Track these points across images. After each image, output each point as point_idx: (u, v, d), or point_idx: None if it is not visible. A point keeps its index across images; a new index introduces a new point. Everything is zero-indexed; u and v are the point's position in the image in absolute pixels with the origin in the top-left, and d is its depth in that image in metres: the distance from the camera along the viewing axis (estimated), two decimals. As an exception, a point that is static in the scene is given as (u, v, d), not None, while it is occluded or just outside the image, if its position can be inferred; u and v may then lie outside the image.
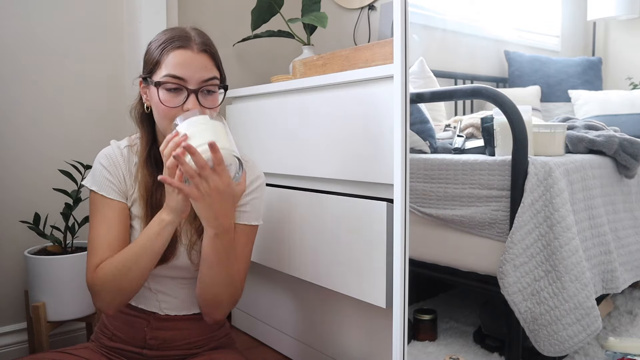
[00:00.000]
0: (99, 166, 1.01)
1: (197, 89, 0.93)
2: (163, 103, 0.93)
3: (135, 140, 1.05)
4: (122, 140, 1.06)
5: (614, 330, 1.45)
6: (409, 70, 0.95)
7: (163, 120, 0.95)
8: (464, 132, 1.60)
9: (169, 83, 0.92)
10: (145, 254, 0.91)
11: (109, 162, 1.01)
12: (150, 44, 0.98)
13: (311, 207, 1.31)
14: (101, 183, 0.99)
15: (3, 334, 1.53)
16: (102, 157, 1.02)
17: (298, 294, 1.52)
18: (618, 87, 1.85)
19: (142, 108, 1.01)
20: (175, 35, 0.95)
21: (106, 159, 1.01)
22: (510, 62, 2.03)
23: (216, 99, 0.97)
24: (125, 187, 1.01)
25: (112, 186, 1.00)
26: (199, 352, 1.06)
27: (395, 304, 0.96)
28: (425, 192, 1.42)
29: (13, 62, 1.53)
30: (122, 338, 1.03)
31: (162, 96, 0.93)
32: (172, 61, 0.92)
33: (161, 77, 0.93)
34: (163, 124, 0.96)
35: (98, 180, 1.00)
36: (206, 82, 0.94)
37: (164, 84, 0.93)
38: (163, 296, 1.04)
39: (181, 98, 0.93)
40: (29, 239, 1.52)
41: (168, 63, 0.93)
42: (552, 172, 1.20)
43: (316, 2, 1.80)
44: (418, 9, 1.79)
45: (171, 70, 0.92)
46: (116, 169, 1.00)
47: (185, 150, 0.80)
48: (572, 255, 1.17)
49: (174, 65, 0.92)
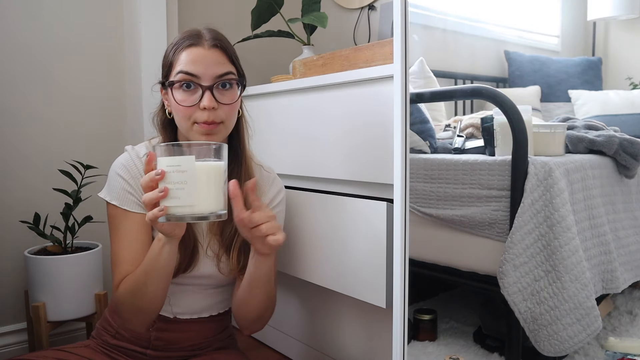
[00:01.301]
0: (117, 177, 0.97)
1: (211, 85, 0.91)
2: (179, 103, 0.92)
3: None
4: (140, 147, 1.02)
5: (614, 330, 1.45)
6: (409, 70, 0.95)
7: (182, 121, 0.93)
8: (464, 132, 1.60)
9: (182, 81, 0.91)
10: (152, 274, 0.88)
11: (128, 174, 0.97)
12: (167, 49, 0.98)
13: (311, 207, 1.31)
14: (121, 197, 0.96)
15: (3, 334, 1.53)
16: (120, 168, 0.98)
17: (298, 294, 1.52)
18: (618, 87, 1.85)
19: (164, 115, 0.99)
20: (186, 35, 0.95)
21: (124, 170, 0.97)
22: (510, 62, 2.03)
23: (234, 94, 0.95)
24: None
25: (133, 198, 0.96)
26: (202, 353, 1.06)
27: (395, 304, 0.96)
28: (425, 192, 1.42)
29: (13, 63, 1.53)
30: (126, 337, 1.03)
31: (178, 96, 0.92)
32: (184, 60, 0.92)
33: (174, 77, 0.92)
34: (183, 125, 0.94)
35: (117, 193, 0.96)
36: (221, 77, 0.92)
37: (178, 82, 0.92)
38: (177, 300, 1.03)
39: (197, 96, 0.91)
40: (29, 239, 1.52)
41: (180, 62, 0.92)
42: (552, 172, 1.20)
43: (316, 2, 1.80)
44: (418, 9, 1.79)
45: (184, 67, 0.91)
46: (136, 181, 0.97)
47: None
48: (572, 255, 1.17)
49: (186, 63, 0.91)
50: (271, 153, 1.47)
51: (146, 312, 0.93)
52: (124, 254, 0.94)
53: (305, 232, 1.33)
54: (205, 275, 1.01)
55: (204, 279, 1.02)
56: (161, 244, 0.85)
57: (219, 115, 0.93)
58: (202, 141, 0.82)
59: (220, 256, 1.00)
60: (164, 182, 0.74)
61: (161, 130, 1.01)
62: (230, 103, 0.93)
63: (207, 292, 1.05)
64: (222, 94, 0.93)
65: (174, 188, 0.74)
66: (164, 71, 0.97)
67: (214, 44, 0.93)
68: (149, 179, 0.75)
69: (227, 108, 0.93)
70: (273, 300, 1.03)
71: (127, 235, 0.95)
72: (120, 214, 0.96)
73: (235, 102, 0.95)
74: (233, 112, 0.96)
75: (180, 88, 0.92)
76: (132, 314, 0.94)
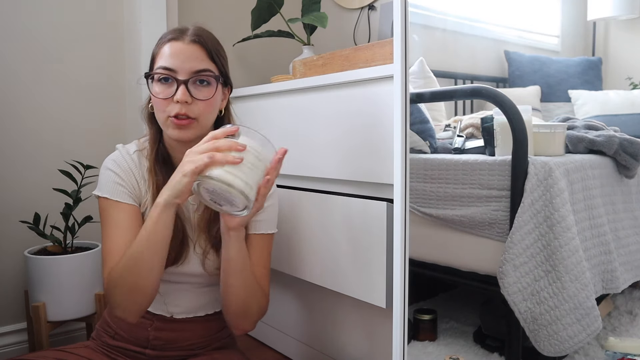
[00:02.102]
0: (107, 171, 0.98)
1: (186, 80, 0.92)
2: (155, 95, 0.93)
3: (144, 143, 1.03)
4: (130, 145, 1.04)
5: (614, 330, 1.45)
6: (409, 70, 0.95)
7: (159, 113, 0.95)
8: (464, 132, 1.60)
9: (158, 74, 0.93)
10: (149, 245, 0.86)
11: (118, 167, 0.98)
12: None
13: (311, 207, 1.31)
14: (112, 189, 0.96)
15: (3, 334, 1.53)
16: (110, 163, 0.99)
17: (298, 294, 1.52)
18: (618, 87, 1.85)
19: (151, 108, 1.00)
20: (172, 30, 0.97)
21: (114, 164, 0.99)
22: (510, 62, 2.03)
23: (210, 91, 0.95)
24: (139, 193, 0.99)
25: (124, 190, 0.97)
26: (201, 352, 1.06)
27: (395, 304, 0.96)
28: (425, 192, 1.42)
29: (13, 62, 1.53)
30: (125, 337, 1.03)
31: (155, 88, 0.94)
32: (164, 53, 0.94)
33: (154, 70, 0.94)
34: (160, 118, 0.95)
35: (107, 186, 0.97)
36: (197, 73, 0.93)
37: (155, 75, 0.93)
38: (171, 299, 1.04)
39: (172, 89, 0.92)
40: (29, 239, 1.52)
41: (161, 55, 0.94)
42: (552, 172, 1.20)
43: (316, 2, 1.80)
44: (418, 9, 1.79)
45: (163, 61, 0.93)
46: (127, 175, 0.98)
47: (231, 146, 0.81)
48: (572, 255, 1.17)
49: (165, 57, 0.93)
50: (271, 153, 1.47)
51: (140, 290, 0.88)
52: (115, 244, 0.92)
53: (306, 232, 1.33)
54: (193, 274, 1.02)
55: (193, 277, 1.03)
56: (158, 210, 0.84)
57: (193, 110, 0.93)
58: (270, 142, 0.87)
59: (207, 253, 1.00)
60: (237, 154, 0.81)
61: (148, 123, 1.02)
62: (204, 99, 0.94)
63: (199, 290, 1.05)
64: (198, 90, 0.94)
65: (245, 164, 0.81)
66: (150, 65, 0.99)
67: (193, 39, 0.94)
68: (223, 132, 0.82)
69: (202, 104, 0.93)
70: (262, 291, 1.01)
71: (119, 225, 0.94)
72: (112, 205, 0.96)
73: (211, 99, 0.95)
74: (209, 110, 0.96)
75: (159, 81, 0.94)
76: (126, 295, 0.89)
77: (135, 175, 0.99)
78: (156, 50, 0.97)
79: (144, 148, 1.02)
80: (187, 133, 0.94)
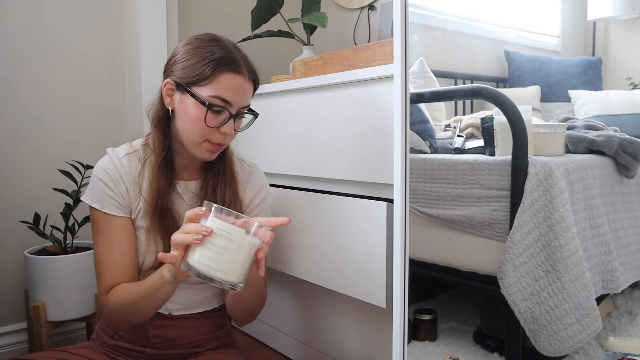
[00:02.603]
0: (98, 181, 0.97)
1: (236, 115, 0.95)
2: (205, 121, 0.91)
3: (136, 145, 1.02)
4: (120, 148, 1.02)
5: (614, 330, 1.45)
6: (409, 70, 0.95)
7: (194, 135, 0.93)
8: (464, 132, 1.60)
9: (216, 105, 0.91)
10: (148, 302, 0.91)
11: (108, 177, 0.97)
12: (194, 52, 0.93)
13: (311, 207, 1.31)
14: (102, 200, 0.97)
15: (3, 334, 1.53)
16: (100, 172, 0.98)
17: (298, 294, 1.52)
18: (618, 87, 1.85)
19: (162, 111, 0.97)
20: (224, 56, 0.92)
21: (105, 174, 0.98)
22: (510, 62, 2.03)
23: (243, 124, 1.01)
24: (129, 200, 0.99)
25: (114, 202, 0.97)
26: (201, 351, 1.06)
27: (395, 304, 0.96)
28: (425, 192, 1.42)
29: (13, 62, 1.53)
30: (125, 337, 1.03)
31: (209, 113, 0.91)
32: (225, 84, 0.91)
33: (208, 96, 0.90)
34: (192, 138, 0.94)
35: (98, 196, 0.97)
36: (244, 108, 0.96)
37: (211, 104, 0.90)
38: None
39: (220, 120, 0.93)
40: (29, 239, 1.52)
41: (220, 84, 0.91)
42: (552, 172, 1.20)
43: (316, 2, 1.80)
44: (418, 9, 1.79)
45: (222, 92, 0.91)
46: (116, 184, 0.97)
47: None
48: (572, 255, 1.17)
49: (226, 89, 0.91)
50: (271, 153, 1.47)
51: (135, 323, 0.98)
52: (107, 258, 0.96)
53: (306, 232, 1.33)
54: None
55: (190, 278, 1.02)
56: (164, 280, 0.86)
57: (229, 140, 0.98)
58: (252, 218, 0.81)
59: None
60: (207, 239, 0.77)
61: (156, 124, 0.99)
62: (239, 131, 0.99)
63: (197, 287, 1.06)
64: (238, 122, 0.98)
65: (213, 249, 0.77)
66: (188, 74, 0.92)
67: (252, 78, 0.96)
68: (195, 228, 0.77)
69: (235, 134, 0.99)
70: (263, 295, 1.06)
71: (109, 238, 0.96)
72: (102, 217, 0.97)
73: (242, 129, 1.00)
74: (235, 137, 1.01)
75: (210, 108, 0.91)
76: (121, 323, 1.00)
77: (125, 182, 0.98)
78: (212, 73, 0.90)
79: (135, 150, 1.01)
80: (215, 155, 0.99)
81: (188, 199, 1.02)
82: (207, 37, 0.95)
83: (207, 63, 0.91)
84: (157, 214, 0.97)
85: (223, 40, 0.96)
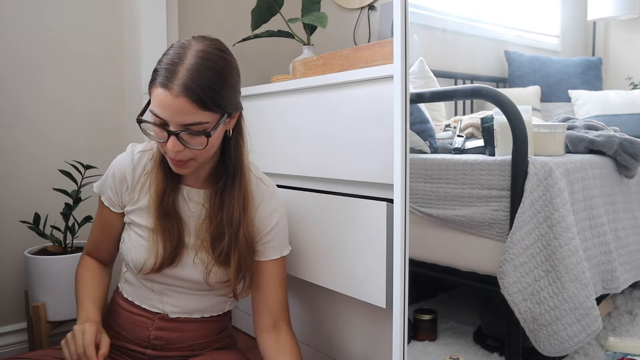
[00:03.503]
0: (108, 174, 1.05)
1: (177, 132, 0.86)
2: (151, 137, 0.90)
3: (153, 144, 1.02)
4: (140, 145, 1.06)
5: (614, 330, 1.45)
6: (409, 70, 0.95)
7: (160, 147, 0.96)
8: (464, 132, 1.60)
9: (152, 120, 0.88)
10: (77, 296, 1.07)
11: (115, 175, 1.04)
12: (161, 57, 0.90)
13: (311, 207, 1.31)
14: (103, 189, 1.06)
15: (3, 334, 1.53)
16: (112, 168, 1.05)
17: (298, 294, 1.52)
18: (618, 87, 1.85)
19: None
20: (165, 65, 0.86)
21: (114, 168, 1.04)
22: (510, 62, 2.03)
23: (203, 141, 0.88)
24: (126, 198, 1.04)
25: (110, 195, 1.04)
26: (201, 353, 1.06)
27: (395, 304, 0.96)
28: (425, 192, 1.42)
29: (13, 62, 1.53)
30: (126, 337, 1.03)
31: (152, 127, 0.89)
32: (155, 99, 0.86)
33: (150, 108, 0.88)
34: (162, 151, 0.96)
35: (102, 184, 1.06)
36: (187, 126, 0.86)
37: (141, 120, 0.89)
38: (167, 299, 1.04)
39: (162, 135, 0.88)
40: (29, 239, 1.52)
41: (153, 98, 0.87)
42: (552, 172, 1.20)
43: (316, 2, 1.80)
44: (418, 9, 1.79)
45: (154, 107, 0.86)
46: (119, 183, 1.03)
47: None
48: (572, 255, 1.17)
49: (156, 104, 0.86)
50: (271, 153, 1.47)
51: None
52: (94, 232, 1.12)
53: (306, 232, 1.33)
54: (189, 279, 1.02)
55: (189, 283, 1.03)
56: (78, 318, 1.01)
57: (186, 155, 0.89)
58: None
59: (210, 268, 1.00)
60: None
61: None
62: (198, 148, 0.88)
63: (197, 294, 1.05)
64: (192, 138, 0.87)
65: None
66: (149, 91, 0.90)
67: (179, 92, 0.83)
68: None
69: (196, 149, 0.89)
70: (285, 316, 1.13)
71: (99, 221, 1.10)
72: (100, 203, 1.08)
73: (206, 146, 0.89)
74: (205, 151, 0.90)
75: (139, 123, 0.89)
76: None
77: (128, 179, 1.02)
78: (151, 85, 0.87)
79: (151, 149, 1.04)
80: (186, 170, 0.94)
81: (193, 206, 1.02)
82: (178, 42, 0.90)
83: (154, 70, 0.88)
84: (161, 215, 0.98)
85: (181, 45, 0.88)
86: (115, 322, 1.05)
